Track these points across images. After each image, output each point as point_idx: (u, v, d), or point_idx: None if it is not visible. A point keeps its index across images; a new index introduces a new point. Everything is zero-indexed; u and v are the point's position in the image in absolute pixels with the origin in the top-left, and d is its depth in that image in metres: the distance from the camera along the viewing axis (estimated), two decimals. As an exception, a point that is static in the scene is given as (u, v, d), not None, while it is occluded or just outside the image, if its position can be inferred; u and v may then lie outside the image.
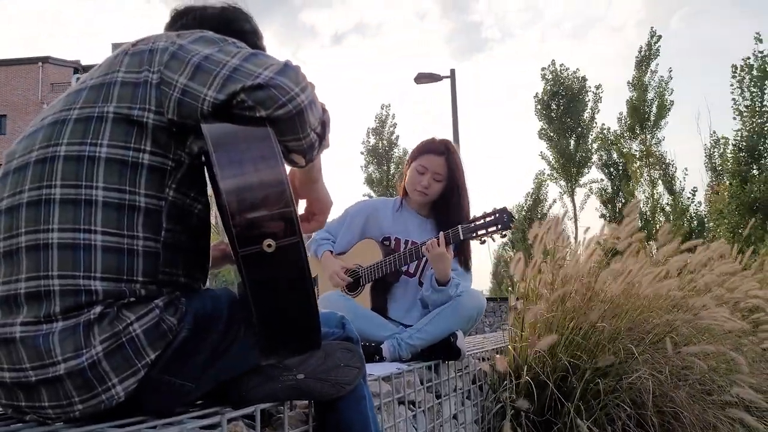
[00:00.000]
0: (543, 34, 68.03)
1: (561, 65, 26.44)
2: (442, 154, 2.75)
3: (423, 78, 14.75)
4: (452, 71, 14.68)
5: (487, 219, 2.51)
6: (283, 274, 1.01)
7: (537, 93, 26.29)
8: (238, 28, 1.45)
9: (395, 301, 2.82)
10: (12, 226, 1.10)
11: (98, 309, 1.07)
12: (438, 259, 2.52)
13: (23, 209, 1.10)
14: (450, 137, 14.07)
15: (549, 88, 26.08)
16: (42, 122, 1.18)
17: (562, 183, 25.95)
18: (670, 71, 21.55)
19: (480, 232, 2.51)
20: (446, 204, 2.78)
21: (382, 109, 30.67)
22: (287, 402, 1.52)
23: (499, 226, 2.48)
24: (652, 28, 24.92)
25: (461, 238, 2.53)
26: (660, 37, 21.91)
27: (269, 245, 0.99)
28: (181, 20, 1.45)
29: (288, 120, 1.08)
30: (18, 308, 1.08)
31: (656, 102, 21.58)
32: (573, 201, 25.72)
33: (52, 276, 1.07)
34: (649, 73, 21.66)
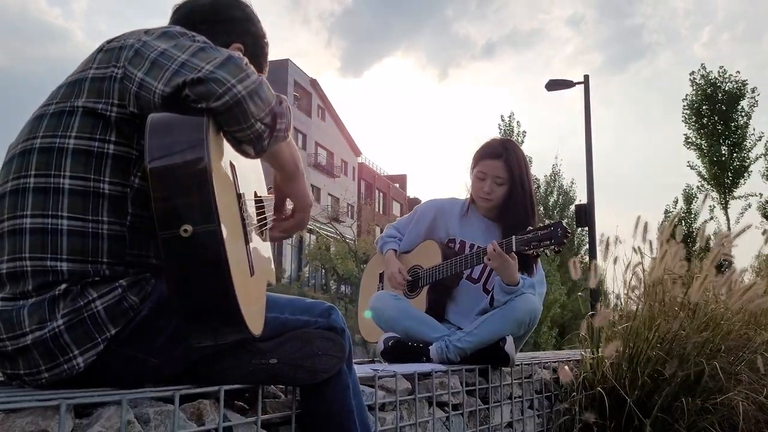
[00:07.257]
0: (712, 37, 63.66)
1: (721, 67, 24.47)
2: (498, 156, 2.68)
3: (555, 85, 14.33)
4: (586, 77, 14.16)
5: (541, 232, 2.41)
6: (200, 260, 1.04)
7: (687, 95, 24.52)
8: (228, 16, 1.51)
9: (456, 304, 2.78)
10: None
11: (63, 286, 1.17)
12: (500, 265, 2.46)
13: (7, 197, 1.24)
14: (583, 144, 13.56)
15: (699, 92, 24.26)
16: (31, 116, 1.31)
17: (714, 195, 23.94)
18: None
19: (533, 245, 2.41)
20: (508, 206, 2.71)
21: (502, 120, 29.32)
22: (274, 386, 1.56)
23: (552, 240, 2.37)
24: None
25: (513, 249, 2.44)
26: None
27: (185, 230, 1.03)
28: (176, 14, 1.53)
29: (227, 111, 1.13)
30: (2, 286, 1.22)
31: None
32: (726, 214, 23.68)
33: (24, 258, 1.19)
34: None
